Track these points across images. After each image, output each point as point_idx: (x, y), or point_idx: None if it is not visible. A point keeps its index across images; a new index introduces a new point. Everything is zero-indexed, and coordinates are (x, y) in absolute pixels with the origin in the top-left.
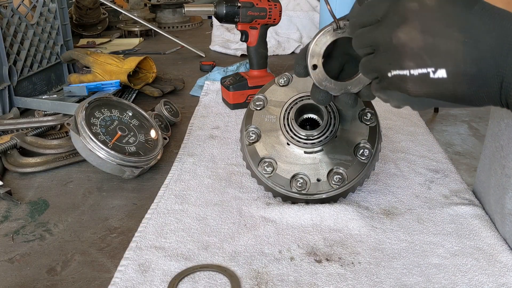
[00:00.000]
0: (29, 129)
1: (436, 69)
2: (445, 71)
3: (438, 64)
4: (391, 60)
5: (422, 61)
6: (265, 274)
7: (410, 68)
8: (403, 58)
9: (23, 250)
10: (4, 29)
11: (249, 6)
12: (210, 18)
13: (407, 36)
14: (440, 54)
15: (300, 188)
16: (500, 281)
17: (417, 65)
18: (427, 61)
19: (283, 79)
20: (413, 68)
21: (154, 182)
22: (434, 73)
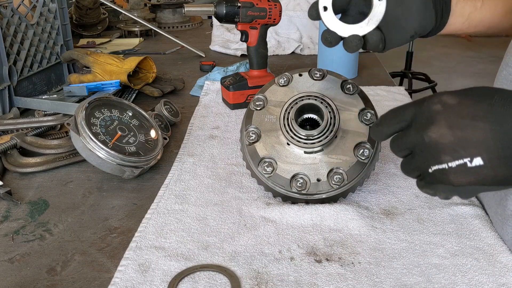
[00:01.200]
0: (29, 129)
1: (472, 158)
2: (480, 158)
3: (473, 153)
4: (429, 158)
5: (457, 154)
6: (265, 274)
7: (448, 161)
8: (439, 154)
9: (23, 250)
10: (4, 29)
11: (249, 6)
12: (210, 18)
13: (437, 134)
14: (472, 144)
15: (300, 188)
16: (500, 281)
17: (453, 158)
18: (461, 153)
19: (283, 79)
20: (450, 161)
21: (154, 182)
22: (471, 162)
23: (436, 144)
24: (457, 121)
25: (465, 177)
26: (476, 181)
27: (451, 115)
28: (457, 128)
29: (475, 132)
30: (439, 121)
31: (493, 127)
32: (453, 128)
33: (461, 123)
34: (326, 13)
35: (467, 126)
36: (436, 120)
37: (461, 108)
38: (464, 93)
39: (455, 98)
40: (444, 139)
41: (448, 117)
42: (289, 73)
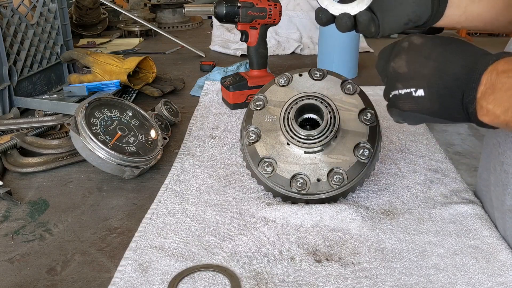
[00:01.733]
0: (29, 129)
1: (416, 89)
2: (422, 90)
3: (418, 85)
4: (390, 84)
5: (407, 83)
6: (265, 274)
7: (399, 88)
8: (395, 82)
9: (23, 250)
10: (4, 29)
11: (249, 6)
12: (210, 18)
13: (397, 65)
14: (419, 78)
15: (300, 188)
16: (499, 280)
17: (404, 86)
18: (410, 83)
19: (283, 79)
20: (401, 88)
21: (154, 182)
22: (415, 92)
23: (395, 72)
24: (414, 57)
25: (409, 104)
26: (417, 109)
27: (411, 52)
28: (412, 63)
29: (424, 68)
30: (401, 55)
31: (439, 66)
32: (409, 62)
33: (417, 59)
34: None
35: (420, 62)
36: (400, 54)
37: (422, 48)
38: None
39: (420, 40)
40: (400, 69)
41: (408, 53)
42: (289, 73)
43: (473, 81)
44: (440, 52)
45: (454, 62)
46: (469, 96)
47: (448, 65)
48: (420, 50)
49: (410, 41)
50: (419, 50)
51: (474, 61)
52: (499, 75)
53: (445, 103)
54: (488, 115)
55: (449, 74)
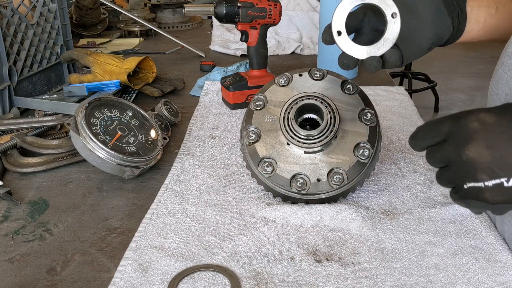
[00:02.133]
0: (29, 129)
1: (509, 178)
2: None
3: (510, 174)
4: (465, 175)
5: (494, 174)
6: (265, 274)
7: (484, 180)
8: (476, 172)
9: (23, 250)
10: (4, 29)
11: (249, 6)
12: (210, 18)
13: (476, 153)
14: (509, 165)
15: (300, 188)
16: (499, 280)
17: (490, 177)
18: (498, 173)
19: (283, 79)
20: (487, 180)
21: (154, 182)
22: (507, 182)
23: (474, 162)
24: (495, 141)
25: (501, 196)
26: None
27: (489, 135)
28: (495, 148)
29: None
30: (477, 140)
31: None
32: (490, 148)
33: (499, 143)
34: (340, 37)
35: (505, 147)
36: (474, 138)
37: (499, 128)
38: (502, 111)
39: (493, 117)
40: (482, 159)
41: (486, 136)
42: (289, 73)
43: None
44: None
45: None
46: None
47: None
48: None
49: (481, 120)
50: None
51: None
52: None
53: None
54: None
55: None
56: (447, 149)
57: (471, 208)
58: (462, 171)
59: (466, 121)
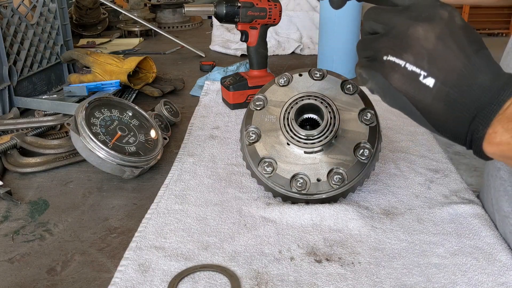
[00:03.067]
0: (29, 129)
1: (428, 75)
2: (434, 81)
3: (432, 72)
4: (394, 46)
5: (421, 62)
6: (265, 274)
7: (408, 61)
8: (406, 50)
9: (23, 250)
10: (4, 29)
11: (249, 6)
12: (210, 18)
13: (424, 34)
14: (439, 65)
15: (300, 188)
16: (499, 280)
17: (415, 62)
18: (424, 64)
19: (283, 79)
20: (409, 62)
21: (154, 182)
22: (424, 77)
23: (414, 40)
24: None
25: (407, 85)
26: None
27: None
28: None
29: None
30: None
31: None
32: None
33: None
34: None
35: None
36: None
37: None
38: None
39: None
40: (424, 42)
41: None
42: (289, 73)
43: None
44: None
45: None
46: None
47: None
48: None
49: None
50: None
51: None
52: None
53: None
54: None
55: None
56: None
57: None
58: (394, 42)
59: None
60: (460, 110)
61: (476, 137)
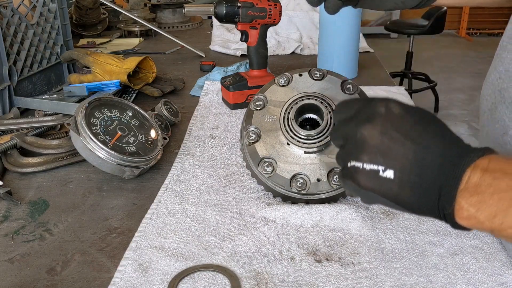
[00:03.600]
0: (29, 129)
1: (385, 168)
2: (393, 172)
3: (388, 164)
4: (352, 152)
5: (375, 159)
6: (265, 274)
7: (364, 162)
8: (361, 152)
9: (23, 250)
10: (4, 29)
11: (249, 6)
12: (210, 18)
13: (369, 133)
14: (392, 157)
15: (300, 188)
16: (499, 280)
17: (370, 160)
18: (379, 160)
19: (283, 79)
20: (366, 162)
21: (154, 182)
22: (383, 171)
23: (364, 142)
24: (390, 131)
25: (372, 182)
26: (381, 191)
27: (388, 123)
28: (387, 136)
29: (400, 148)
30: (375, 122)
31: (417, 150)
32: (384, 134)
33: (393, 133)
34: None
35: (396, 139)
36: (374, 120)
37: (400, 121)
38: (410, 109)
39: (399, 109)
40: (372, 141)
41: (384, 122)
42: (289, 73)
43: (454, 178)
44: (420, 132)
45: (434, 149)
46: (447, 194)
47: (427, 151)
48: (397, 124)
49: (388, 107)
50: (397, 123)
51: (457, 154)
52: (483, 175)
53: (416, 195)
54: (469, 219)
55: (427, 162)
56: (349, 124)
57: (345, 188)
58: (352, 148)
59: (376, 104)
60: (425, 192)
61: (447, 214)
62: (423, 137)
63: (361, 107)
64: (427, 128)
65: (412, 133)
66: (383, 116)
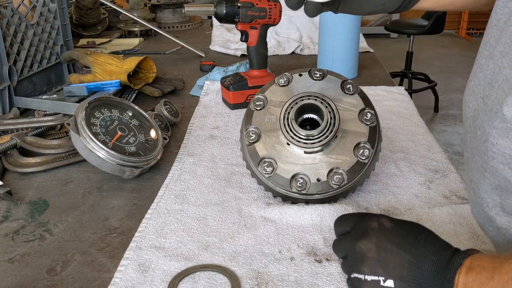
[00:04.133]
0: (29, 129)
1: (386, 279)
2: (393, 282)
3: (388, 275)
4: (353, 264)
5: (375, 270)
6: (265, 274)
7: (365, 274)
8: (361, 264)
9: (23, 250)
10: (4, 29)
11: (249, 6)
12: (210, 18)
13: (366, 247)
14: (390, 267)
15: (300, 188)
16: None
17: (371, 272)
18: (379, 271)
19: (283, 79)
20: (367, 274)
21: (154, 182)
22: (384, 281)
23: (362, 255)
24: (385, 244)
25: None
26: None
27: (382, 236)
28: (383, 249)
29: (396, 259)
30: (370, 236)
31: (412, 260)
32: (379, 247)
33: (388, 246)
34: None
35: (392, 251)
36: (369, 235)
37: (392, 234)
38: (400, 223)
39: (391, 224)
40: (369, 254)
41: (379, 236)
42: (289, 73)
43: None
44: (412, 242)
45: (427, 257)
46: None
47: (421, 259)
48: (391, 237)
49: (380, 222)
50: (390, 236)
51: (446, 259)
52: (468, 273)
53: None
54: None
55: (423, 270)
56: (347, 239)
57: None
58: (353, 261)
59: (369, 220)
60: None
61: None
62: (415, 246)
63: (356, 222)
64: (418, 237)
65: (405, 245)
66: (376, 230)
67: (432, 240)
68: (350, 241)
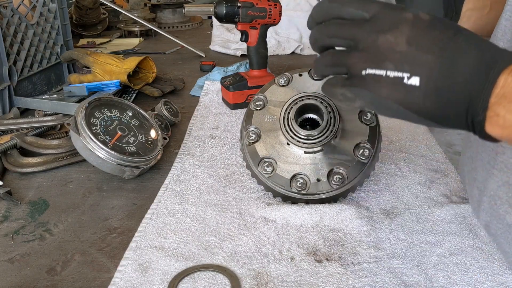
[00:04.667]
0: (29, 129)
1: (411, 75)
2: (418, 79)
3: (414, 71)
4: (370, 59)
5: (401, 66)
6: (265, 274)
7: (388, 69)
8: (384, 59)
9: (23, 250)
10: (4, 29)
11: (249, 6)
12: (210, 18)
13: (395, 40)
14: (418, 63)
15: (300, 188)
16: (499, 280)
17: (396, 68)
18: (405, 67)
19: (283, 79)
20: (391, 69)
21: (154, 182)
22: (408, 78)
23: (387, 49)
24: (419, 37)
25: (395, 91)
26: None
27: (417, 29)
28: (415, 43)
29: (427, 55)
30: (404, 28)
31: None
32: (411, 40)
33: (422, 39)
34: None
35: (424, 46)
36: (402, 26)
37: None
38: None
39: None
40: (397, 47)
41: (413, 29)
42: (289, 73)
43: (489, 81)
44: (451, 36)
45: (468, 52)
46: (480, 100)
47: (459, 54)
48: (428, 29)
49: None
50: (427, 29)
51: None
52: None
53: (443, 102)
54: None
55: (460, 66)
56: (365, 27)
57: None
58: (369, 55)
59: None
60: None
61: (476, 121)
62: (454, 41)
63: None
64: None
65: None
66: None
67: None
68: (370, 30)
